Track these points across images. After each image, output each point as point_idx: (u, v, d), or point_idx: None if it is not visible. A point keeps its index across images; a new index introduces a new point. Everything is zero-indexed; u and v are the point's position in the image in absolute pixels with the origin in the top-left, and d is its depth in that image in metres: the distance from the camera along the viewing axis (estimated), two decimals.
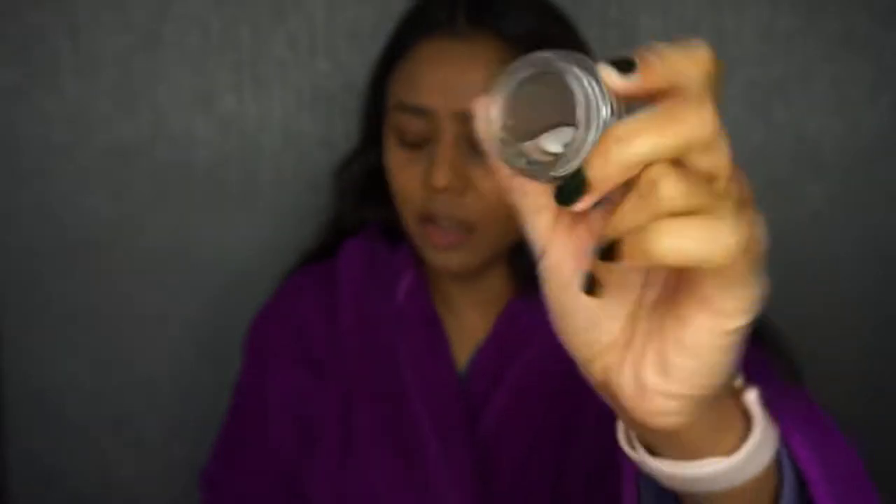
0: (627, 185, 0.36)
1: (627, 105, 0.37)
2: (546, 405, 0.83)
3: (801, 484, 0.50)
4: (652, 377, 0.40)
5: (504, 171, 0.40)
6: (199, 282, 1.16)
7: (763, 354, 0.86)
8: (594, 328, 0.42)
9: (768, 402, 0.49)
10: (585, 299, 0.41)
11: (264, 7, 1.08)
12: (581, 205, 0.36)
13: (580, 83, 0.36)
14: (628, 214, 0.36)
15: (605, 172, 0.35)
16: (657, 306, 0.41)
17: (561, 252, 0.41)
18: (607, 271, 0.40)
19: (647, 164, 0.35)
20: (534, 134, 0.37)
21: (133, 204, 1.14)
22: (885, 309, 1.15)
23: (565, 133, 0.36)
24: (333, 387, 0.88)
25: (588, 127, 0.36)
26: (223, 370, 1.18)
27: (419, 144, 0.79)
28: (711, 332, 0.38)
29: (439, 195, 0.78)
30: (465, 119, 0.76)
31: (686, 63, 0.36)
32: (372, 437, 0.85)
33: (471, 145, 0.77)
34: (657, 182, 0.35)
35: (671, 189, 0.35)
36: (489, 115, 0.38)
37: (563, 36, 0.82)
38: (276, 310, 0.95)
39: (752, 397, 0.48)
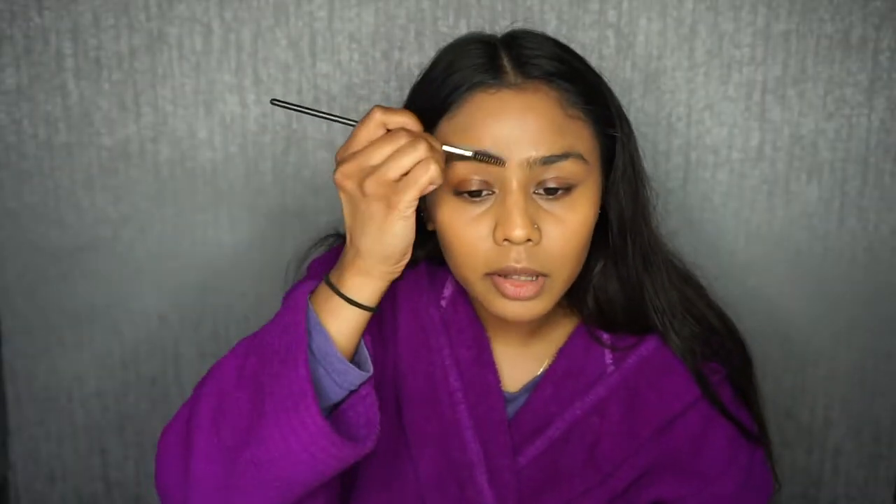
0: None
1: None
2: (587, 456, 0.87)
3: None
4: None
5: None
6: (199, 282, 1.17)
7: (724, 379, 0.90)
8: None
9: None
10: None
11: (266, 9, 1.08)
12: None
13: None
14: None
15: None
16: None
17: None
18: None
19: None
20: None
21: (134, 204, 1.14)
22: (880, 309, 1.16)
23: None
24: (385, 384, 0.89)
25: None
26: None
27: (479, 195, 0.79)
28: None
29: (515, 247, 0.78)
30: (530, 166, 0.77)
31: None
32: (419, 436, 0.87)
33: (537, 192, 0.78)
34: None
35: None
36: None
37: (587, 69, 0.84)
38: None
39: None
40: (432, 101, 0.81)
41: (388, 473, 0.88)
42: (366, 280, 0.76)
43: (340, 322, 0.76)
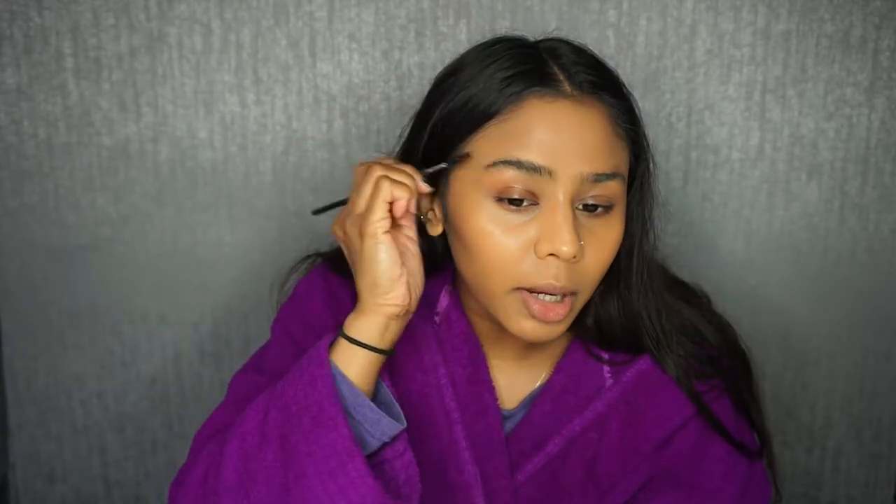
0: None
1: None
2: (586, 471, 0.86)
3: None
4: None
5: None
6: (199, 282, 1.17)
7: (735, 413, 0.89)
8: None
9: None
10: None
11: (266, 9, 1.08)
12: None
13: None
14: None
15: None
16: None
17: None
18: None
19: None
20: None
21: (134, 204, 1.14)
22: (880, 309, 1.16)
23: None
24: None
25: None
26: (224, 370, 1.19)
27: (520, 204, 0.77)
28: None
29: (556, 263, 0.76)
30: (582, 181, 0.76)
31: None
32: (415, 457, 0.85)
33: (577, 208, 0.77)
34: None
35: None
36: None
37: (623, 85, 0.83)
38: (312, 308, 0.92)
39: None
40: (472, 104, 0.79)
41: None
42: (365, 318, 0.76)
43: (351, 366, 0.76)
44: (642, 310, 0.86)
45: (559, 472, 0.86)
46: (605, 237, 0.79)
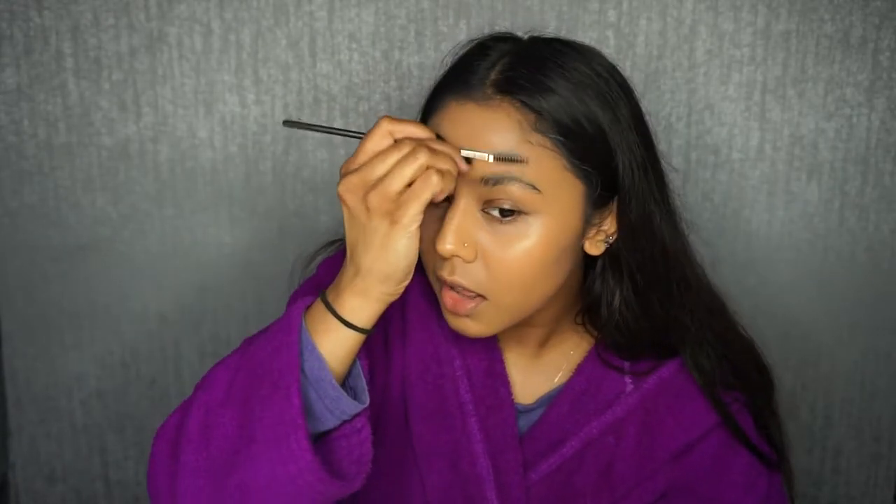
0: None
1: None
2: (600, 476, 0.85)
3: None
4: None
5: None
6: (199, 282, 1.17)
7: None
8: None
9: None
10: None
11: (266, 9, 1.08)
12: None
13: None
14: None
15: None
16: None
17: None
18: None
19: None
20: None
21: (134, 204, 1.14)
22: (880, 309, 1.16)
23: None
24: (393, 393, 0.87)
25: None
26: None
27: (445, 200, 0.76)
28: None
29: (447, 261, 0.76)
30: (477, 183, 0.75)
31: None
32: (427, 449, 0.85)
33: (483, 210, 0.76)
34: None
35: None
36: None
37: (600, 99, 0.78)
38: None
39: None
40: (425, 104, 0.81)
41: (394, 486, 0.87)
42: (364, 302, 0.73)
43: (333, 343, 0.73)
44: (671, 323, 0.85)
45: (573, 475, 0.85)
46: (511, 244, 0.76)
